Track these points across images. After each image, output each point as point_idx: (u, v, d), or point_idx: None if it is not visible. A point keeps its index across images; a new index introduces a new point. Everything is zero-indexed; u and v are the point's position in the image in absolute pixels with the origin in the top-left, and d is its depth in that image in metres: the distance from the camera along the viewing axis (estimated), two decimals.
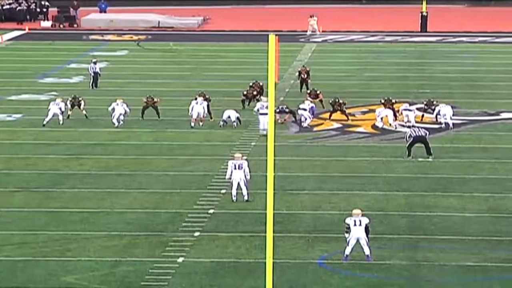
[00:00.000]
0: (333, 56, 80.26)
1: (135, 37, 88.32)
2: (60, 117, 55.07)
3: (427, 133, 49.96)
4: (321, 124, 56.74)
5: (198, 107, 55.40)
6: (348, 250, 34.82)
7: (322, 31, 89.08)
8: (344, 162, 49.24)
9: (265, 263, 24.41)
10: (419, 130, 50.14)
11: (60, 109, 55.52)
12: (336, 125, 56.55)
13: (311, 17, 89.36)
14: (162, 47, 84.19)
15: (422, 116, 56.46)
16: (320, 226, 39.33)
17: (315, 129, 55.61)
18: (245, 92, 58.98)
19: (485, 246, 37.21)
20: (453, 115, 55.11)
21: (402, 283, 33.36)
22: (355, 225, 34.87)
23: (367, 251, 34.73)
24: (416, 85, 67.85)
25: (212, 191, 43.99)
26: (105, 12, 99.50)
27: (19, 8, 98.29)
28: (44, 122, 55.13)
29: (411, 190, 44.71)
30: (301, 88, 62.90)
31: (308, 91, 59.97)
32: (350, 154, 50.90)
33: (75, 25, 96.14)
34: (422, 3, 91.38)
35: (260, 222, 25.85)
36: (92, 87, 63.68)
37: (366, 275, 34.22)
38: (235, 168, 41.19)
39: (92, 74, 65.54)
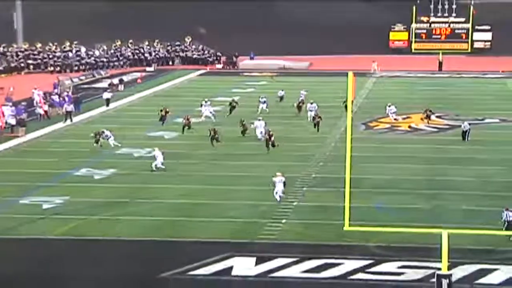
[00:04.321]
0: (387, 85, 79.29)
1: (270, 74, 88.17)
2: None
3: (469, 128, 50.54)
4: (378, 125, 56.17)
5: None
6: (277, 197, 35.69)
7: (380, 70, 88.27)
8: (392, 147, 48.65)
9: (344, 206, 24.18)
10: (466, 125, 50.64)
11: (211, 113, 57.22)
12: (387, 125, 56.03)
13: (373, 62, 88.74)
14: (286, 80, 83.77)
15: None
16: (378, 185, 39.10)
17: (374, 128, 55.15)
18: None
19: (479, 198, 36.65)
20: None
21: (425, 217, 32.87)
22: (279, 182, 35.71)
23: (279, 198, 35.72)
24: (435, 101, 66.53)
25: (315, 163, 43.87)
26: (253, 59, 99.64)
27: (203, 56, 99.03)
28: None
29: (433, 164, 44.07)
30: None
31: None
32: (395, 142, 50.31)
33: (236, 67, 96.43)
34: (439, 54, 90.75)
35: (342, 182, 25.64)
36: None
37: (404, 213, 33.83)
38: None
39: (262, 102, 61.21)
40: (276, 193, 36.02)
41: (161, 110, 55.49)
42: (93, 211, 34.46)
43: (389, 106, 58.53)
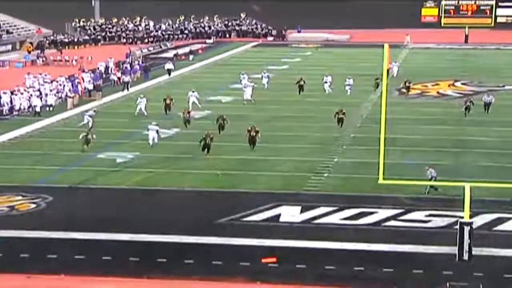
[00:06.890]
0: (418, 56, 78.61)
1: (315, 45, 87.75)
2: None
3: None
4: (410, 91, 55.60)
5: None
6: (150, 142, 38.11)
7: (412, 42, 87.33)
8: (422, 110, 48.36)
9: (379, 162, 24.22)
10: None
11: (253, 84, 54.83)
12: (418, 91, 55.65)
13: (406, 35, 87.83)
14: (329, 50, 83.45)
15: None
16: (410, 144, 38.98)
17: (408, 94, 54.88)
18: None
19: (499, 156, 36.39)
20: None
21: (450, 172, 32.70)
22: (152, 130, 38.21)
23: (152, 142, 38.01)
24: (461, 70, 66.12)
25: (354, 125, 43.84)
26: (300, 32, 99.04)
27: (256, 30, 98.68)
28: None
29: (459, 125, 43.80)
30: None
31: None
32: (425, 106, 50.04)
33: (285, 39, 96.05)
34: (465, 28, 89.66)
35: (378, 141, 25.65)
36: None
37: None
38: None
39: (264, 77, 57.79)
40: (152, 138, 38.03)
41: (165, 100, 47.40)
42: (160, 165, 34.95)
43: (326, 77, 54.34)
